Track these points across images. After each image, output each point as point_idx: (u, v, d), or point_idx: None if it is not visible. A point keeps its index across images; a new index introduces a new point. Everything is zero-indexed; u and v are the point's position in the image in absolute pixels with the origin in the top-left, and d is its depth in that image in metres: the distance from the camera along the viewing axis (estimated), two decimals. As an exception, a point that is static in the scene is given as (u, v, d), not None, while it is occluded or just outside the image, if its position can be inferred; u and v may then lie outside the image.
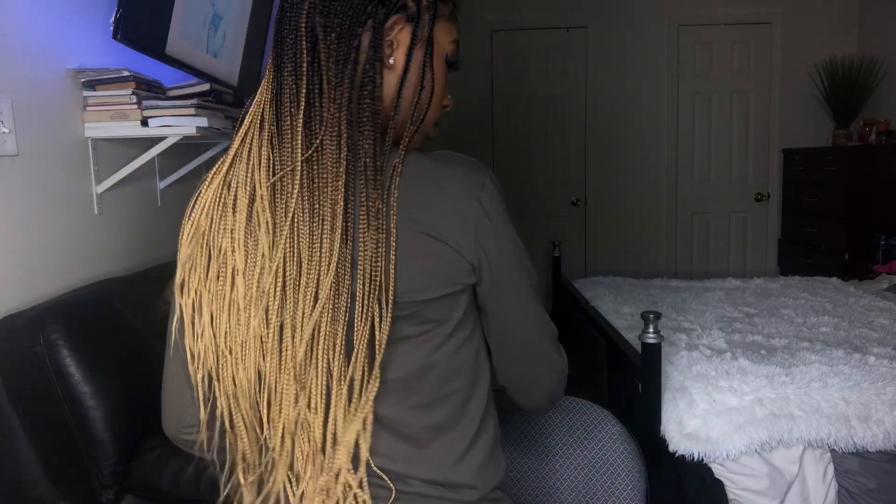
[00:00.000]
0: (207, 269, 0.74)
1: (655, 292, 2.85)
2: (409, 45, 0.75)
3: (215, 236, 0.73)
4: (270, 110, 0.72)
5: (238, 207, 0.72)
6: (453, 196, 0.71)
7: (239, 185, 0.72)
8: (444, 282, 0.72)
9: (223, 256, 0.72)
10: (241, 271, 0.71)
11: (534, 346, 0.82)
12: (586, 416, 1.41)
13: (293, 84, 0.71)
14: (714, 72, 4.35)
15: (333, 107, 0.70)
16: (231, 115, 2.28)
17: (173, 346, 0.80)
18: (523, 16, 4.30)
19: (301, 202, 0.69)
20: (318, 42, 0.71)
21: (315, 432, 0.71)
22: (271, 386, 0.72)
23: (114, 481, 1.44)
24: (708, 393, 1.68)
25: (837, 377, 1.73)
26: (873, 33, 4.08)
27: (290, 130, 0.70)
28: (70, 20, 1.77)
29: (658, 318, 1.64)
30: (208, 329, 0.74)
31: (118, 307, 1.63)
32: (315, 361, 0.70)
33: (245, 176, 0.72)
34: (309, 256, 0.69)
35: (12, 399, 1.43)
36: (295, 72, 0.71)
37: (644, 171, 4.40)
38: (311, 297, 0.69)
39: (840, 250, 3.68)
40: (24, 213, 1.59)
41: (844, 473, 1.66)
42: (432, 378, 0.75)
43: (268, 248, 0.70)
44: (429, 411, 0.76)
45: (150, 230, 2.24)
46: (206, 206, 0.74)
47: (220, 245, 0.72)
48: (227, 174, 0.74)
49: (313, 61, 0.71)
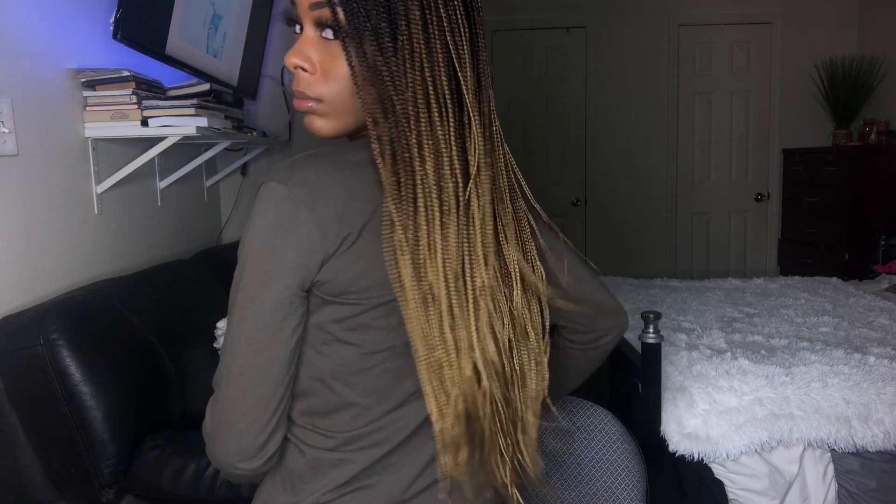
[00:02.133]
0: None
1: (655, 292, 2.84)
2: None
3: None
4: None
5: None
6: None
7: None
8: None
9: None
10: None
11: (586, 273, 0.92)
12: (586, 416, 1.41)
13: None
14: (714, 72, 4.35)
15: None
16: (231, 115, 2.28)
17: (251, 368, 0.70)
18: (523, 16, 4.30)
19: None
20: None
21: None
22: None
23: (114, 481, 1.44)
24: (708, 393, 1.68)
25: (837, 377, 1.73)
26: (873, 33, 4.08)
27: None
28: (70, 20, 1.77)
29: (658, 318, 1.64)
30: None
31: (118, 307, 1.63)
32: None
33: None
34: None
35: (12, 399, 1.43)
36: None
37: (644, 171, 4.40)
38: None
39: (840, 250, 3.68)
40: (24, 213, 1.59)
41: (844, 473, 1.66)
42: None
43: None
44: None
45: (150, 230, 2.24)
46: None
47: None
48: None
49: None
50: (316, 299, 0.70)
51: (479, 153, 0.70)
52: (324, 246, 0.67)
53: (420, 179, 0.67)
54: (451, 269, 0.68)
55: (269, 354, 0.69)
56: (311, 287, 0.69)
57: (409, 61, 0.66)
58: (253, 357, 0.69)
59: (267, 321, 0.68)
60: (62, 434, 1.42)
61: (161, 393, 1.62)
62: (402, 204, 0.66)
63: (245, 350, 0.69)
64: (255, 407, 0.70)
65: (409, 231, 0.66)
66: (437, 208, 0.67)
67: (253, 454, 0.71)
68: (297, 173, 0.67)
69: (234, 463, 0.72)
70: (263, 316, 0.68)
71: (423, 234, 0.66)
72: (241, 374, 0.69)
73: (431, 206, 0.67)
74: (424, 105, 0.67)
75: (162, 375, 1.64)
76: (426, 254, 0.67)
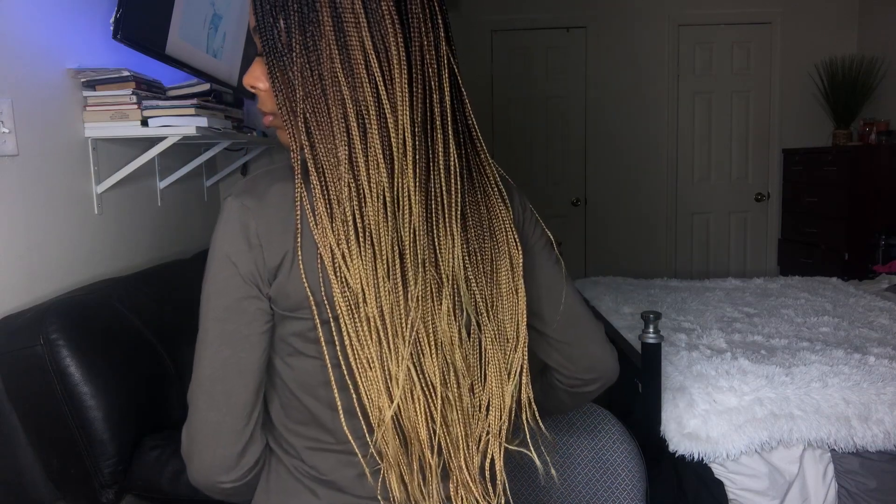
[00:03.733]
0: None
1: (655, 292, 2.85)
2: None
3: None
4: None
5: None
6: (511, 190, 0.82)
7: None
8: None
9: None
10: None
11: (581, 314, 0.87)
12: (586, 416, 1.41)
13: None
14: (714, 72, 4.35)
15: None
16: (231, 115, 2.28)
17: (221, 377, 0.70)
18: (523, 16, 4.30)
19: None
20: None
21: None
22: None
23: (114, 481, 1.44)
24: (708, 393, 1.68)
25: (837, 377, 1.73)
26: (873, 33, 4.08)
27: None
28: (70, 20, 1.77)
29: (658, 318, 1.64)
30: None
31: (118, 307, 1.63)
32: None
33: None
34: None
35: (12, 399, 1.43)
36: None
37: (644, 171, 4.40)
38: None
39: (840, 250, 3.68)
40: (24, 213, 1.59)
41: (844, 473, 1.66)
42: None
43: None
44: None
45: (150, 230, 2.24)
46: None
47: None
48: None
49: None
50: (277, 314, 0.71)
51: (403, 179, 0.67)
52: (270, 255, 0.68)
53: (332, 194, 0.66)
54: (373, 294, 0.66)
55: (238, 362, 0.70)
56: (269, 301, 0.70)
57: (314, 75, 0.66)
58: (222, 366, 0.70)
59: (231, 327, 0.69)
60: (62, 434, 1.42)
61: (161, 393, 1.62)
62: (318, 219, 0.67)
63: (214, 359, 0.70)
64: (227, 415, 0.70)
65: (327, 250, 0.66)
66: (353, 224, 0.66)
67: (231, 465, 0.72)
68: (251, 187, 0.70)
69: (214, 477, 0.72)
70: (226, 322, 0.69)
71: (337, 254, 0.66)
72: (213, 384, 0.70)
73: (346, 221, 0.66)
74: (341, 121, 0.66)
75: (162, 375, 1.64)
76: (344, 274, 0.67)
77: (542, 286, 0.84)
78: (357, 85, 0.66)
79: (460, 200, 0.71)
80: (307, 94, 0.67)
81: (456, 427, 0.73)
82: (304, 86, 0.67)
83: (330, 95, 0.66)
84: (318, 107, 0.67)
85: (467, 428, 0.73)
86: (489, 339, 0.74)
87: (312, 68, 0.66)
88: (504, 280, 0.75)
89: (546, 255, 0.85)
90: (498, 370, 0.75)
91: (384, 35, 0.66)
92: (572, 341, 0.86)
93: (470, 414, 0.74)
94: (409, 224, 0.68)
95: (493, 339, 0.74)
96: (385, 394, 0.68)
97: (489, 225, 0.75)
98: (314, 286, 0.68)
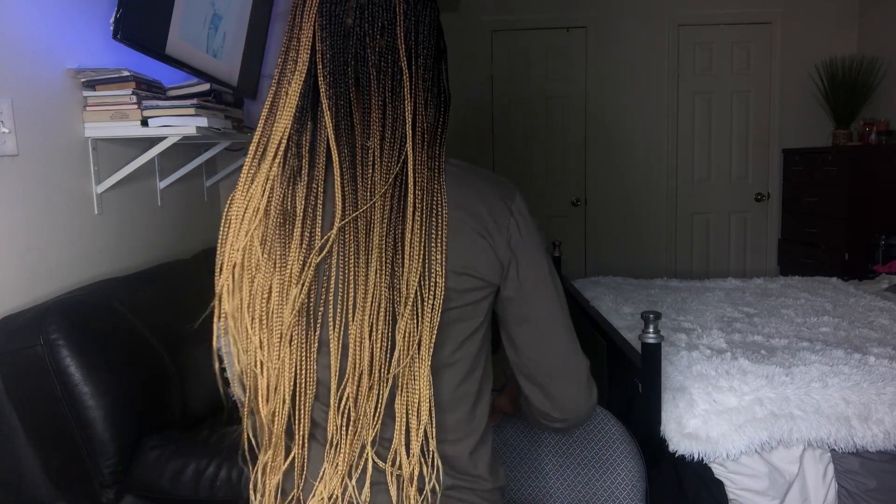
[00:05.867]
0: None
1: (655, 292, 2.84)
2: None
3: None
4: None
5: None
6: (490, 199, 0.77)
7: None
8: (477, 277, 0.75)
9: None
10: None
11: (562, 353, 0.83)
12: (586, 416, 1.40)
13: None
14: (714, 72, 4.35)
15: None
16: (231, 115, 2.28)
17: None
18: (523, 16, 4.30)
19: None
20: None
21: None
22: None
23: (114, 481, 1.44)
24: (708, 393, 1.68)
25: (837, 377, 1.73)
26: (873, 33, 4.08)
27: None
28: (70, 20, 1.78)
29: (658, 318, 1.64)
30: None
31: (118, 307, 1.63)
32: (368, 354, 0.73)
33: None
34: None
35: (12, 399, 1.43)
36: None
37: (644, 171, 4.40)
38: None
39: (840, 250, 3.68)
40: (24, 214, 1.59)
41: (844, 473, 1.66)
42: (449, 376, 0.78)
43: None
44: (441, 411, 0.77)
45: (150, 230, 2.24)
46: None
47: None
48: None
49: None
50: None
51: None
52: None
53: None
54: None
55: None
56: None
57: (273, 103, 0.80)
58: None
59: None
60: (62, 434, 1.42)
61: (161, 393, 1.62)
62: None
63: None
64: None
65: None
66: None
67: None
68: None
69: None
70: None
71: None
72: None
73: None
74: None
75: (162, 375, 1.64)
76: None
77: (529, 322, 0.81)
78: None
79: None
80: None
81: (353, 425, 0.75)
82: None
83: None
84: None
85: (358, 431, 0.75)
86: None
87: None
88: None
89: (540, 292, 0.81)
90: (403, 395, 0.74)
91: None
92: (545, 383, 0.84)
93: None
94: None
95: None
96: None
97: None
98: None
